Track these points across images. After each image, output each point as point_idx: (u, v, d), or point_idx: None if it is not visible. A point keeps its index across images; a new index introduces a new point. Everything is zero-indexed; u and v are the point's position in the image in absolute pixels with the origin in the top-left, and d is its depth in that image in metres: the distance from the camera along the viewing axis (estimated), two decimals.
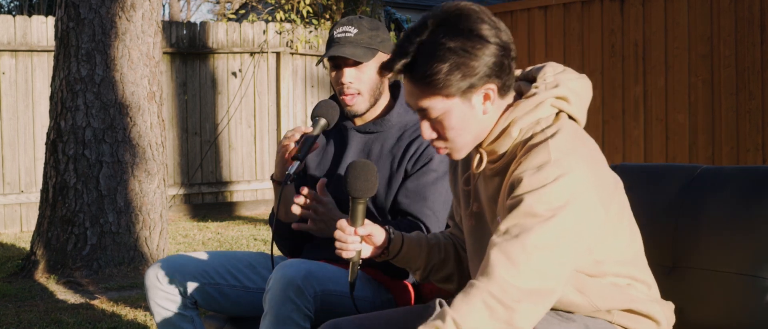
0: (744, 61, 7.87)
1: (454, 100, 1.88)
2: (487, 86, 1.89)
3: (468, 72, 1.86)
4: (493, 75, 1.88)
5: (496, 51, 1.87)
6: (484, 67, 1.86)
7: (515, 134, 1.92)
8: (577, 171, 1.83)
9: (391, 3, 13.60)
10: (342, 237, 2.05)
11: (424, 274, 2.24)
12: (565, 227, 1.80)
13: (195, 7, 30.58)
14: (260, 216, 9.04)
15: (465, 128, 1.92)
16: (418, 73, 1.87)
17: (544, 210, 1.79)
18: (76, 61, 5.66)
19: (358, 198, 2.03)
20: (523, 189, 1.82)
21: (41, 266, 5.69)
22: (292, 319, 2.32)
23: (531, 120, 1.92)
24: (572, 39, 9.23)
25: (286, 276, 2.35)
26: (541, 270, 1.79)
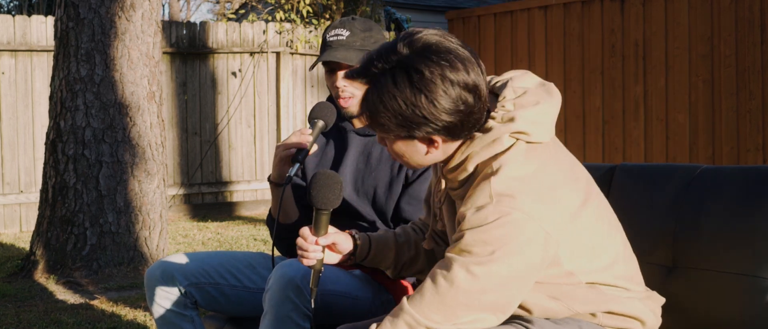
0: (744, 61, 7.87)
1: (398, 137, 1.89)
2: (432, 138, 1.86)
3: (409, 126, 1.84)
4: (439, 132, 1.85)
5: (447, 120, 1.82)
6: (428, 128, 1.83)
7: (471, 169, 1.90)
8: (518, 210, 1.79)
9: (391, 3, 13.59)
10: (303, 246, 2.08)
11: (396, 272, 2.28)
12: (501, 269, 1.79)
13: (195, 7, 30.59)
14: (260, 216, 9.04)
15: (410, 158, 1.93)
16: (367, 110, 1.87)
17: (480, 250, 1.79)
18: (76, 61, 5.66)
19: (321, 209, 2.06)
20: (464, 226, 1.82)
21: (41, 266, 5.69)
22: (292, 319, 2.32)
23: (487, 155, 1.88)
24: (572, 39, 9.23)
25: (285, 276, 2.35)
26: (468, 306, 1.81)
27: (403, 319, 1.85)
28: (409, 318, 1.84)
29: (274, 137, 9.49)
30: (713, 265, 2.12)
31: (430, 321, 1.82)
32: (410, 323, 1.84)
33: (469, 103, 1.82)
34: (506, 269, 1.79)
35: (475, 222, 1.80)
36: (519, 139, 1.88)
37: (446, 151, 1.92)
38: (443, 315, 1.82)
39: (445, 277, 1.81)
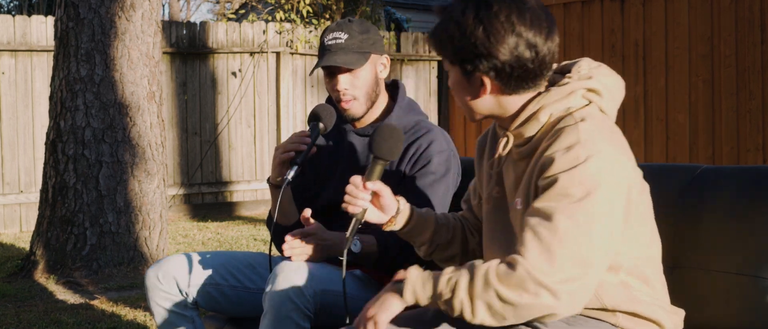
0: (744, 61, 7.87)
1: (455, 68, 1.95)
2: (481, 77, 1.92)
3: (465, 56, 1.90)
4: (489, 72, 1.90)
5: (503, 55, 1.87)
6: (482, 61, 1.89)
7: (544, 120, 1.93)
8: (606, 153, 1.84)
9: (391, 3, 13.59)
10: (352, 191, 2.10)
11: (429, 250, 2.27)
12: (598, 208, 1.81)
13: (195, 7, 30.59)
14: (260, 216, 9.04)
15: (459, 96, 1.98)
16: (433, 35, 1.98)
17: (576, 191, 1.81)
18: (76, 61, 5.66)
19: (379, 158, 2.10)
20: (554, 170, 1.83)
21: (41, 266, 5.68)
22: (292, 319, 2.32)
23: (561, 108, 1.93)
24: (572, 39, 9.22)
25: (285, 276, 2.35)
26: (576, 257, 1.79)
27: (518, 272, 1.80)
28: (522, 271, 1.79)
29: (274, 137, 9.49)
30: (713, 265, 2.12)
31: (541, 273, 1.78)
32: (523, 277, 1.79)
33: (524, 56, 1.88)
34: (606, 206, 1.81)
35: (566, 164, 1.82)
36: (592, 101, 1.94)
37: (500, 103, 1.95)
38: (550, 265, 1.78)
39: (546, 227, 1.80)
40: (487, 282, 1.81)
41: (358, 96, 2.68)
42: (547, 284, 1.78)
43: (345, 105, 2.68)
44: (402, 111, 2.75)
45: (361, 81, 2.67)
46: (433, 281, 1.87)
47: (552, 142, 1.87)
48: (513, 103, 1.96)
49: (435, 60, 10.43)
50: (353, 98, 2.67)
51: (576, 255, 1.79)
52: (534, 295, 1.78)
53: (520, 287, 1.79)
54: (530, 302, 1.79)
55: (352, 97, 2.67)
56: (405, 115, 2.75)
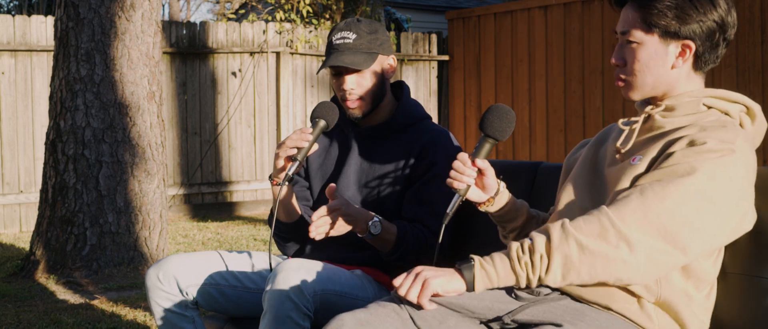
0: (744, 62, 7.87)
1: (653, 36, 1.97)
2: (687, 42, 1.96)
3: (681, 16, 1.94)
4: (699, 38, 1.96)
5: (716, 19, 1.95)
6: (698, 24, 1.94)
7: (704, 108, 1.98)
8: (752, 162, 1.89)
9: (391, 3, 13.59)
10: (460, 167, 2.10)
11: (518, 236, 2.27)
12: (721, 203, 1.83)
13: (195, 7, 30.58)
14: (260, 216, 9.04)
15: (649, 69, 1.99)
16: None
17: (705, 176, 1.82)
18: (76, 61, 5.66)
19: (489, 136, 2.11)
20: (700, 151, 1.85)
21: (41, 266, 5.68)
22: (291, 318, 2.32)
23: (722, 106, 1.98)
24: (572, 39, 9.22)
25: (287, 276, 2.34)
26: (672, 233, 1.80)
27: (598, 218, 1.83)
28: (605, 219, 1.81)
29: (274, 137, 9.48)
30: None
31: (625, 225, 1.80)
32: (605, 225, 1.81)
33: (729, 32, 1.98)
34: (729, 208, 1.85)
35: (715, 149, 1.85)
36: (743, 124, 2.00)
37: (680, 78, 1.99)
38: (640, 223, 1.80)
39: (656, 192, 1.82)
40: (566, 231, 1.82)
41: (364, 96, 2.68)
42: (628, 237, 1.79)
43: (350, 105, 2.68)
44: (407, 112, 2.75)
45: (367, 81, 2.67)
46: (503, 254, 1.87)
47: (710, 127, 1.91)
48: (688, 82, 2.00)
49: (435, 60, 10.44)
50: (359, 97, 2.68)
51: (673, 231, 1.81)
52: (614, 247, 1.79)
53: (601, 235, 1.80)
54: (607, 252, 1.79)
55: (358, 97, 2.67)
56: (409, 116, 2.76)
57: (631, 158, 1.98)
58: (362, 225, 2.51)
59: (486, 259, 1.88)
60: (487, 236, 2.59)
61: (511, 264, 1.85)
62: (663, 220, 1.81)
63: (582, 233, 1.81)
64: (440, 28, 12.34)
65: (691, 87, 2.02)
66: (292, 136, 2.55)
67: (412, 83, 10.27)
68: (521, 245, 1.85)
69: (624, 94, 2.05)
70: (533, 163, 2.72)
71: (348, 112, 2.70)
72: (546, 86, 9.53)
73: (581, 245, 1.80)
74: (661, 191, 1.83)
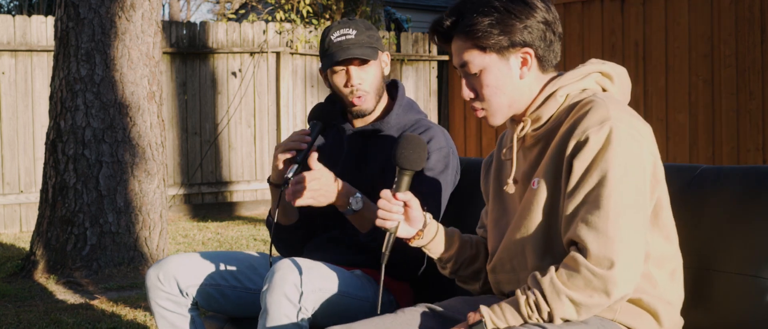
0: (744, 61, 7.87)
1: (491, 56, 1.98)
2: (525, 49, 1.98)
3: (507, 30, 1.95)
4: (532, 42, 1.98)
5: (540, 20, 1.97)
6: (525, 30, 1.96)
7: (561, 99, 1.99)
8: (637, 127, 1.90)
9: (391, 3, 13.59)
10: (385, 206, 2.09)
11: (455, 267, 2.27)
12: (638, 184, 1.86)
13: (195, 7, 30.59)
14: (260, 216, 9.04)
15: (500, 89, 1.99)
16: (462, 24, 1.98)
17: (617, 171, 1.84)
18: (76, 61, 5.66)
19: (405, 169, 2.10)
20: (591, 150, 1.86)
21: (41, 266, 5.68)
22: (289, 317, 2.32)
23: (577, 88, 2.00)
24: (572, 39, 9.22)
25: (284, 275, 2.34)
26: (630, 236, 1.84)
27: None
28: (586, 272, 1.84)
29: (274, 137, 9.48)
30: (713, 265, 2.12)
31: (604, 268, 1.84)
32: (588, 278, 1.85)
33: (556, 27, 2.01)
34: (643, 184, 1.88)
35: (601, 140, 1.85)
36: (605, 88, 2.02)
37: (531, 84, 2.00)
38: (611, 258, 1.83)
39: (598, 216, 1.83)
40: (557, 290, 1.85)
41: (369, 91, 2.70)
42: (614, 280, 1.82)
43: (357, 101, 2.69)
44: (402, 110, 2.76)
45: (372, 76, 2.70)
46: (513, 308, 1.90)
47: (580, 117, 1.91)
48: (537, 85, 2.01)
49: (435, 60, 10.44)
50: (366, 92, 2.69)
51: (630, 238, 1.83)
52: (605, 294, 1.83)
53: (589, 287, 1.84)
54: (603, 301, 1.84)
55: (364, 92, 2.69)
56: (405, 114, 2.76)
57: (531, 182, 2.00)
58: (343, 199, 2.51)
59: (500, 316, 1.92)
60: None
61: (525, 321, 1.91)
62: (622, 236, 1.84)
63: (571, 289, 1.85)
64: None
65: (538, 89, 2.02)
66: (291, 138, 2.55)
67: (412, 82, 10.27)
68: (526, 302, 1.89)
69: (489, 122, 2.05)
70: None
71: (353, 108, 2.71)
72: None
73: (574, 301, 1.85)
74: (604, 218, 1.83)
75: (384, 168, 2.69)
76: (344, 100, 2.72)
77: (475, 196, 2.78)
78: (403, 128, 2.74)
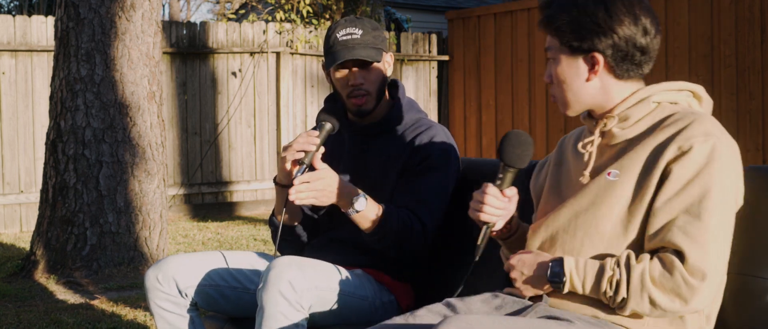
0: (744, 61, 7.87)
1: (565, 52, 2.02)
2: (594, 55, 1.99)
3: (579, 32, 1.98)
4: (603, 50, 1.98)
5: (619, 34, 1.96)
6: (597, 37, 1.97)
7: (653, 105, 2.01)
8: (736, 147, 1.93)
9: (391, 3, 13.58)
10: (492, 202, 2.06)
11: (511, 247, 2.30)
12: (732, 204, 1.91)
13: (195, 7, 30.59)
14: (260, 216, 9.04)
15: (566, 84, 2.03)
16: (548, 13, 2.04)
17: (720, 188, 1.87)
18: (76, 61, 5.66)
19: (511, 166, 2.06)
20: (695, 161, 1.88)
21: (41, 266, 5.69)
22: (285, 315, 2.31)
23: (669, 98, 2.02)
24: None
25: (279, 272, 2.34)
26: (722, 253, 1.88)
27: None
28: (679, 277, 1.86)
29: (274, 137, 9.49)
30: None
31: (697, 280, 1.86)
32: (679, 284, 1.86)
33: (638, 40, 1.98)
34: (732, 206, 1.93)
35: (706, 154, 1.88)
36: (691, 107, 2.03)
37: (606, 89, 2.02)
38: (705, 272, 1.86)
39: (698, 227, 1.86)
40: (643, 283, 1.87)
41: (371, 91, 2.70)
42: (700, 293, 1.85)
43: (358, 101, 2.68)
44: (403, 109, 2.76)
45: (375, 76, 2.69)
46: (595, 275, 1.92)
47: (683, 126, 1.92)
48: (618, 90, 2.03)
49: (435, 60, 10.44)
50: (367, 92, 2.69)
51: (722, 256, 1.88)
52: (684, 303, 1.86)
53: (675, 292, 1.86)
54: (679, 309, 1.87)
55: (365, 92, 2.69)
56: (406, 113, 2.76)
57: (606, 172, 2.00)
58: (346, 199, 2.51)
59: (579, 271, 1.96)
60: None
61: (596, 290, 1.94)
62: (717, 253, 1.89)
63: (657, 288, 1.88)
64: (440, 28, 12.34)
65: (627, 92, 2.03)
66: (299, 139, 2.54)
67: (412, 82, 10.27)
68: (610, 279, 1.91)
69: (561, 110, 2.09)
70: (532, 163, 2.73)
71: (353, 108, 2.70)
72: (546, 86, 9.52)
73: (653, 301, 1.88)
74: (704, 231, 1.86)
75: (385, 167, 2.69)
76: (345, 99, 2.72)
77: None
78: (403, 127, 2.74)
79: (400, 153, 2.70)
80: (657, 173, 1.92)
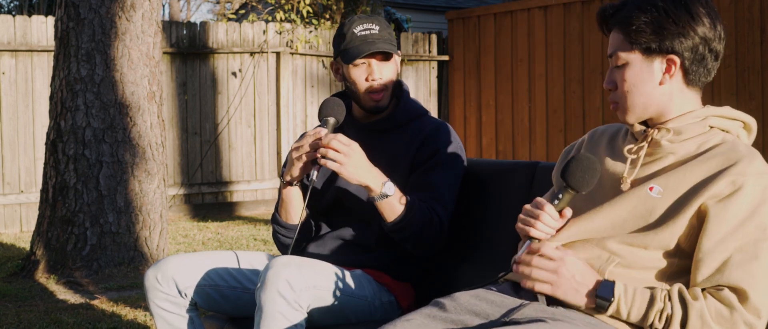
0: (744, 62, 7.87)
1: (637, 53, 1.97)
2: (671, 56, 1.96)
3: (660, 32, 1.94)
4: (681, 52, 1.95)
5: (699, 34, 1.94)
6: (677, 38, 1.94)
7: (707, 127, 1.99)
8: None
9: (391, 3, 13.59)
10: (548, 221, 1.99)
11: None
12: None
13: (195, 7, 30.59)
14: (260, 216, 9.04)
15: (637, 87, 1.99)
16: (620, 15, 1.98)
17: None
18: (76, 61, 5.66)
19: (572, 189, 1.98)
20: (750, 198, 1.87)
21: (41, 266, 5.69)
22: (283, 315, 2.32)
23: (723, 124, 2.01)
24: (572, 39, 9.22)
25: (277, 272, 2.34)
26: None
27: None
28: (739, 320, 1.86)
29: (274, 137, 9.49)
30: None
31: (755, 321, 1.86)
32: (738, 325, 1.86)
33: (715, 46, 1.97)
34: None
35: (760, 191, 1.87)
36: (739, 136, 2.03)
37: (672, 96, 1.99)
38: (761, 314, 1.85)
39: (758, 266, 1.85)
40: (703, 321, 1.85)
41: (388, 85, 2.73)
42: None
43: (376, 97, 2.70)
44: (407, 107, 2.78)
45: (391, 72, 2.74)
46: (646, 304, 1.88)
47: (735, 160, 1.90)
48: (681, 100, 2.00)
49: (435, 60, 10.44)
50: (385, 87, 2.71)
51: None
52: None
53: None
54: None
55: (384, 86, 2.71)
56: (410, 110, 2.78)
57: (647, 186, 1.97)
58: (377, 181, 2.52)
59: (627, 297, 1.91)
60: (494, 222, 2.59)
61: (644, 320, 1.90)
62: None
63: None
64: (440, 28, 12.34)
65: (688, 104, 2.01)
66: (308, 139, 2.55)
67: (412, 83, 10.27)
68: (661, 312, 1.88)
69: (619, 117, 2.05)
70: (532, 163, 2.74)
71: (371, 103, 2.72)
72: (546, 86, 9.53)
73: None
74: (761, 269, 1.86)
75: (391, 164, 2.70)
76: (361, 95, 2.73)
77: (476, 195, 2.78)
78: (408, 124, 2.76)
79: (407, 151, 2.71)
80: (697, 203, 1.90)
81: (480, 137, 10.23)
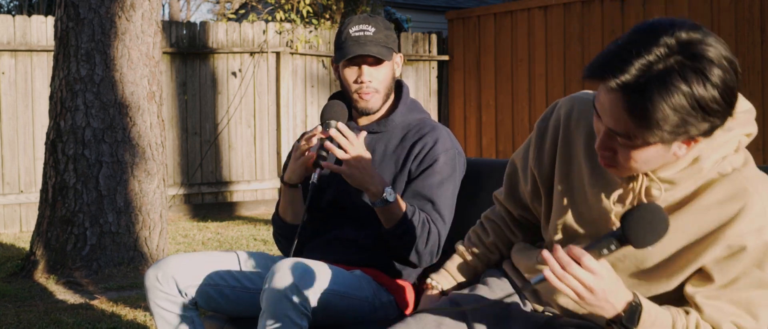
0: (744, 62, 7.87)
1: (656, 144, 1.64)
2: (696, 138, 1.65)
3: (688, 128, 1.59)
4: (705, 133, 1.62)
5: (723, 116, 1.61)
6: (704, 128, 1.61)
7: (706, 170, 1.73)
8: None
9: (391, 3, 13.59)
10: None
11: None
12: None
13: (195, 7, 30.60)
14: (260, 216, 9.04)
15: (648, 164, 1.69)
16: (637, 101, 1.57)
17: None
18: (76, 61, 5.66)
19: (629, 243, 1.65)
20: (749, 258, 1.73)
21: (41, 266, 5.69)
22: (289, 317, 2.32)
23: (718, 155, 1.74)
24: (572, 39, 9.22)
25: (282, 274, 2.34)
26: None
27: None
28: None
29: (274, 137, 9.49)
30: None
31: None
32: None
33: (733, 98, 1.62)
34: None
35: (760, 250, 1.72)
36: (739, 147, 1.79)
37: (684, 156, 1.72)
38: None
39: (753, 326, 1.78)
40: None
41: (379, 89, 2.71)
42: None
43: (365, 97, 2.69)
44: (406, 109, 2.77)
45: (383, 75, 2.71)
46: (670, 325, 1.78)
47: (731, 213, 1.72)
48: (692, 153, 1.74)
49: (435, 60, 10.44)
50: (375, 91, 2.70)
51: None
52: None
53: None
54: None
55: (374, 90, 2.70)
56: (409, 113, 2.77)
57: None
58: (378, 187, 2.52)
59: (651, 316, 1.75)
60: None
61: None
62: None
63: None
64: (440, 28, 12.34)
65: (692, 153, 1.74)
66: (311, 140, 2.56)
67: (412, 83, 10.27)
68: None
69: (614, 174, 1.78)
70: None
71: (360, 105, 2.71)
72: (546, 86, 9.53)
73: None
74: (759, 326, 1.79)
75: (386, 165, 2.69)
76: (351, 95, 2.72)
77: (476, 195, 2.78)
78: (407, 127, 2.75)
79: (402, 153, 2.70)
80: (696, 265, 1.78)
81: (480, 137, 10.23)
